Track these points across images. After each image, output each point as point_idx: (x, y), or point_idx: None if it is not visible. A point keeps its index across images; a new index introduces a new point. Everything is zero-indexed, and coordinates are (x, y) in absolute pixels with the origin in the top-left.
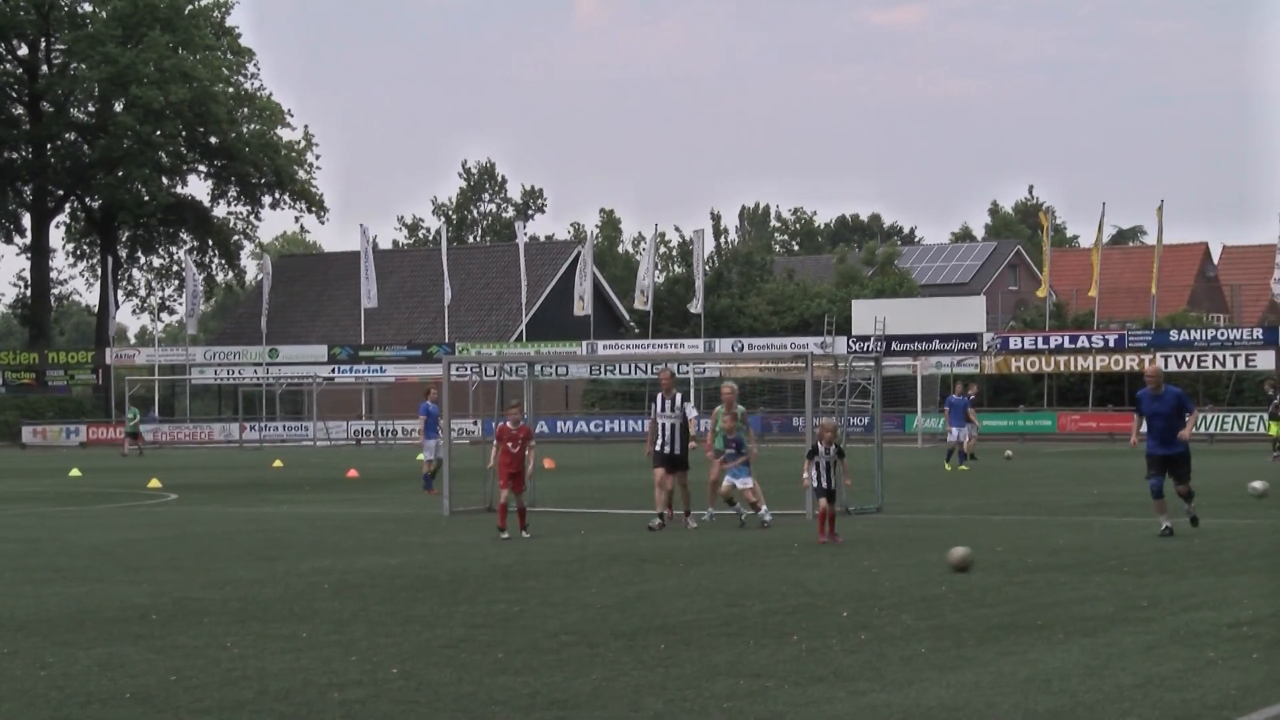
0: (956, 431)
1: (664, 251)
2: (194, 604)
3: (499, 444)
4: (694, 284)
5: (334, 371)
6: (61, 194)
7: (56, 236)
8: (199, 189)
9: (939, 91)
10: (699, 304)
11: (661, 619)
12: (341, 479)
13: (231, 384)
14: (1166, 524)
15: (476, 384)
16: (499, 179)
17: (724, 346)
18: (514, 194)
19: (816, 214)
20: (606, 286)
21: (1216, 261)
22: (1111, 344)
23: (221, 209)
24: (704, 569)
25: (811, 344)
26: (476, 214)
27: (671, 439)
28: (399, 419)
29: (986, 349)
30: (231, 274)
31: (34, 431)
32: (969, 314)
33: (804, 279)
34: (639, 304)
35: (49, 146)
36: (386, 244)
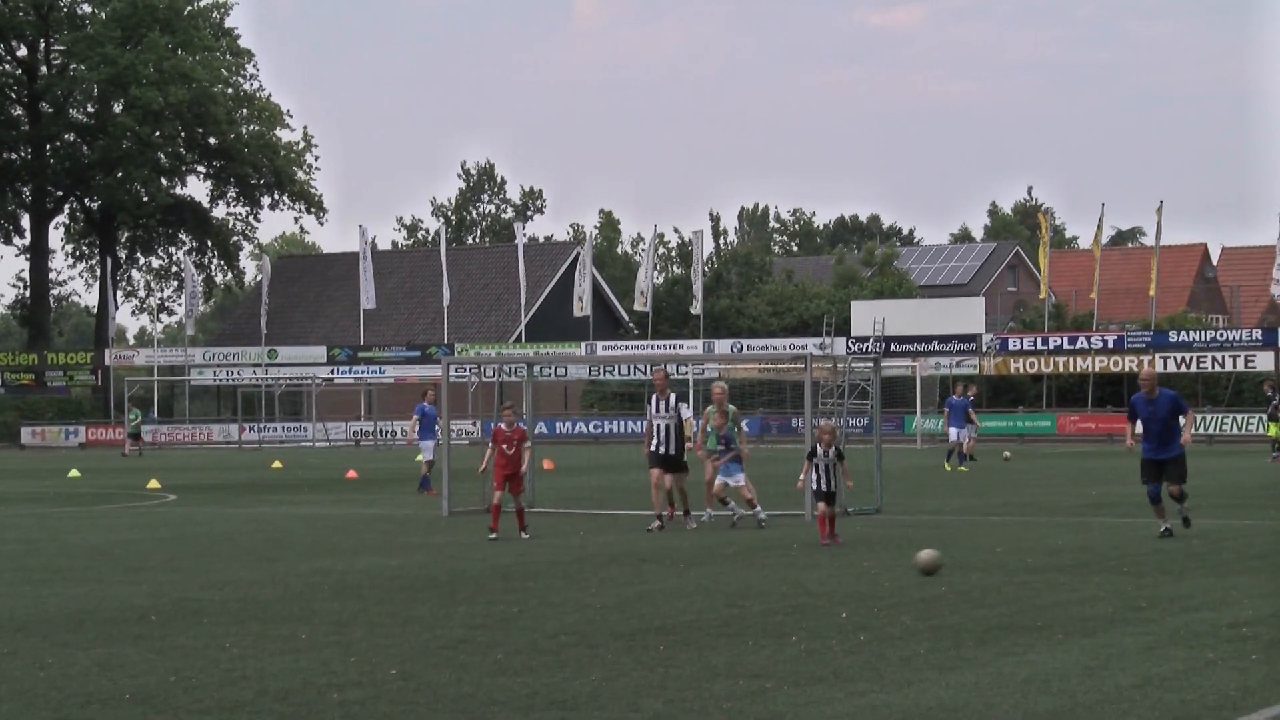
0: (956, 432)
1: (663, 252)
2: (193, 604)
3: (494, 446)
4: (693, 285)
5: (333, 372)
6: (61, 195)
7: (56, 237)
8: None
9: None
10: (698, 305)
11: (661, 619)
12: (341, 480)
13: (231, 385)
14: (1165, 526)
15: (476, 385)
16: (498, 180)
17: (723, 347)
18: (513, 195)
19: (815, 215)
20: (606, 287)
21: (1216, 262)
22: (1111, 345)
23: (221, 210)
24: (703, 569)
25: (810, 345)
26: (476, 215)
27: (666, 439)
28: (398, 420)
29: (985, 350)
30: (230, 275)
31: (33, 432)
32: (968, 315)
33: (803, 280)
34: (639, 305)
35: (48, 147)
36: (386, 245)
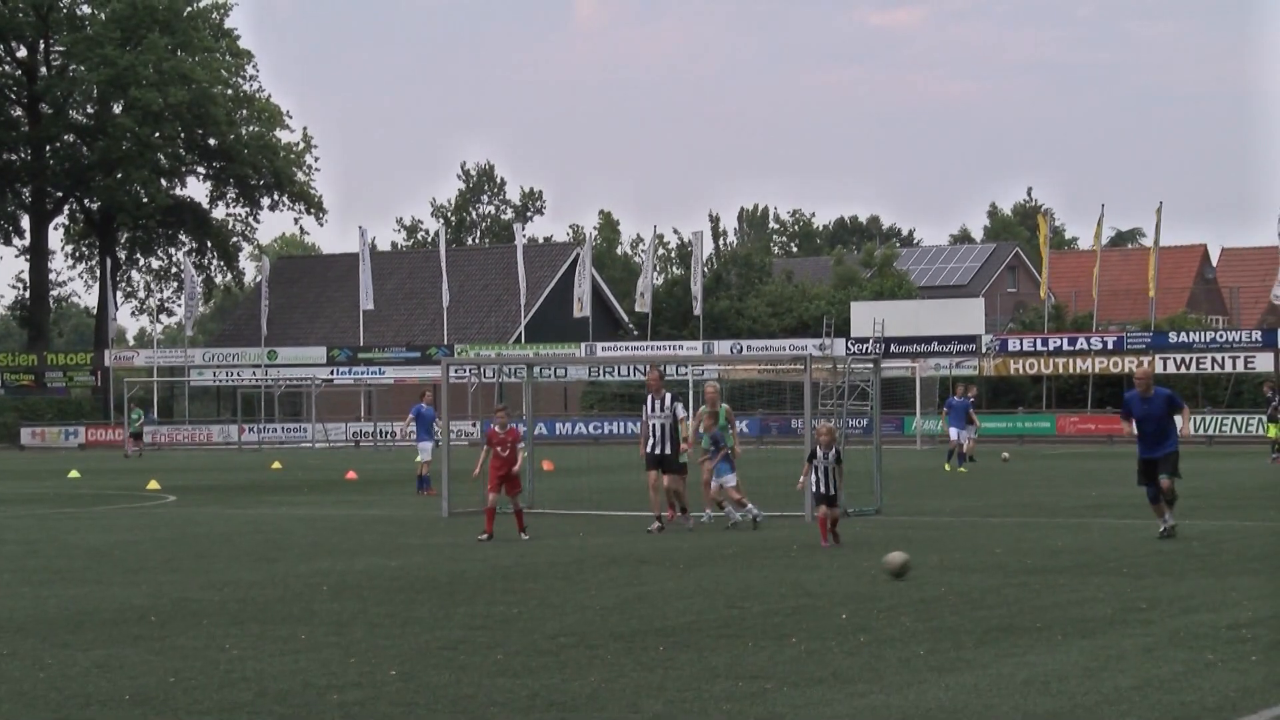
0: (956, 433)
1: (663, 253)
2: (193, 605)
3: (489, 448)
4: (692, 286)
5: (333, 373)
6: (60, 196)
7: (55, 238)
8: (198, 191)
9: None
10: (698, 306)
11: (660, 621)
12: (340, 480)
13: (230, 386)
14: (1165, 526)
15: (475, 386)
16: (498, 181)
17: (723, 348)
18: (513, 196)
19: (815, 215)
20: (605, 288)
21: (1215, 263)
22: (1110, 346)
23: (220, 211)
24: (703, 571)
25: (810, 346)
26: (475, 216)
27: (662, 439)
28: (398, 421)
29: (985, 351)
30: (230, 276)
31: (33, 433)
32: (968, 316)
33: (803, 281)
34: (640, 307)
35: (48, 148)
36: (385, 245)
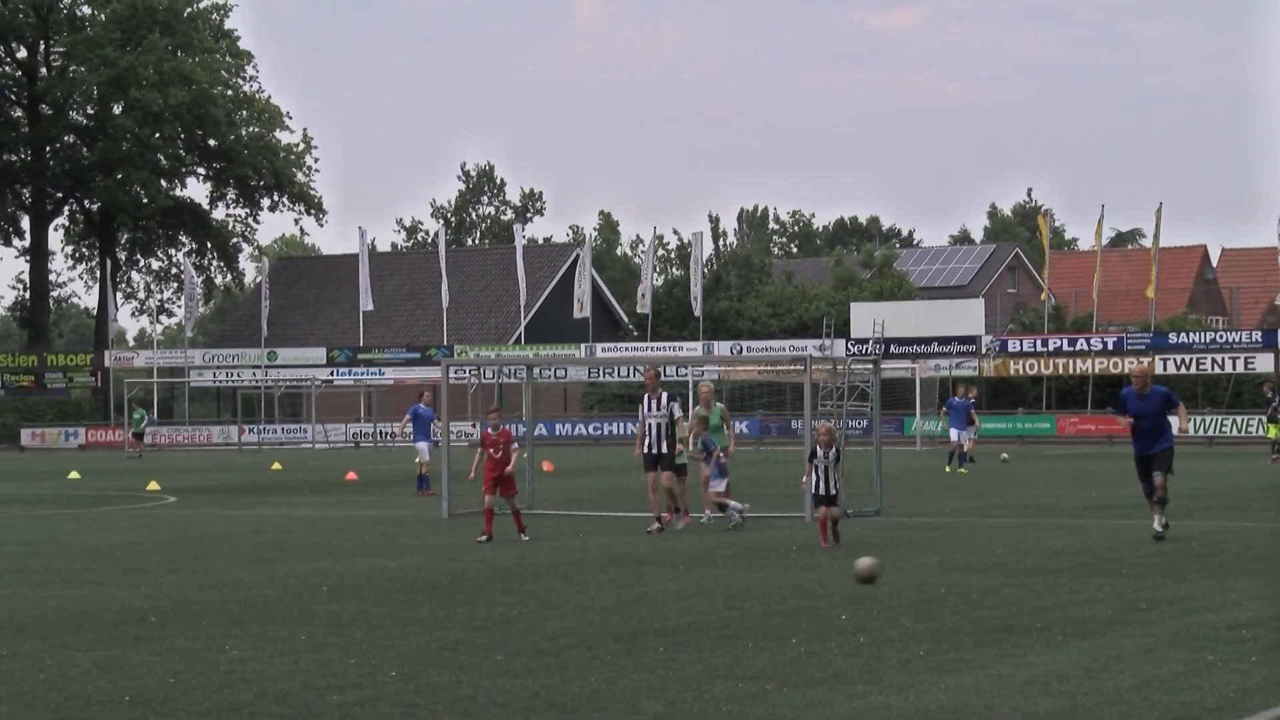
0: (957, 434)
1: (663, 254)
2: (193, 606)
3: (483, 450)
4: (692, 287)
5: (333, 374)
6: (60, 196)
7: (55, 239)
8: (198, 191)
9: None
10: (698, 307)
11: (660, 621)
12: (340, 481)
13: (230, 386)
14: (1157, 529)
15: (475, 386)
16: (498, 181)
17: (722, 349)
18: (513, 196)
19: (815, 216)
20: (605, 289)
21: (1215, 264)
22: (1110, 347)
23: (220, 211)
24: (703, 571)
25: (810, 347)
26: (475, 216)
27: (658, 439)
28: (398, 422)
29: (985, 352)
30: (230, 276)
31: (33, 434)
32: (968, 316)
33: (802, 282)
34: (641, 308)
35: (48, 149)
36: (385, 246)
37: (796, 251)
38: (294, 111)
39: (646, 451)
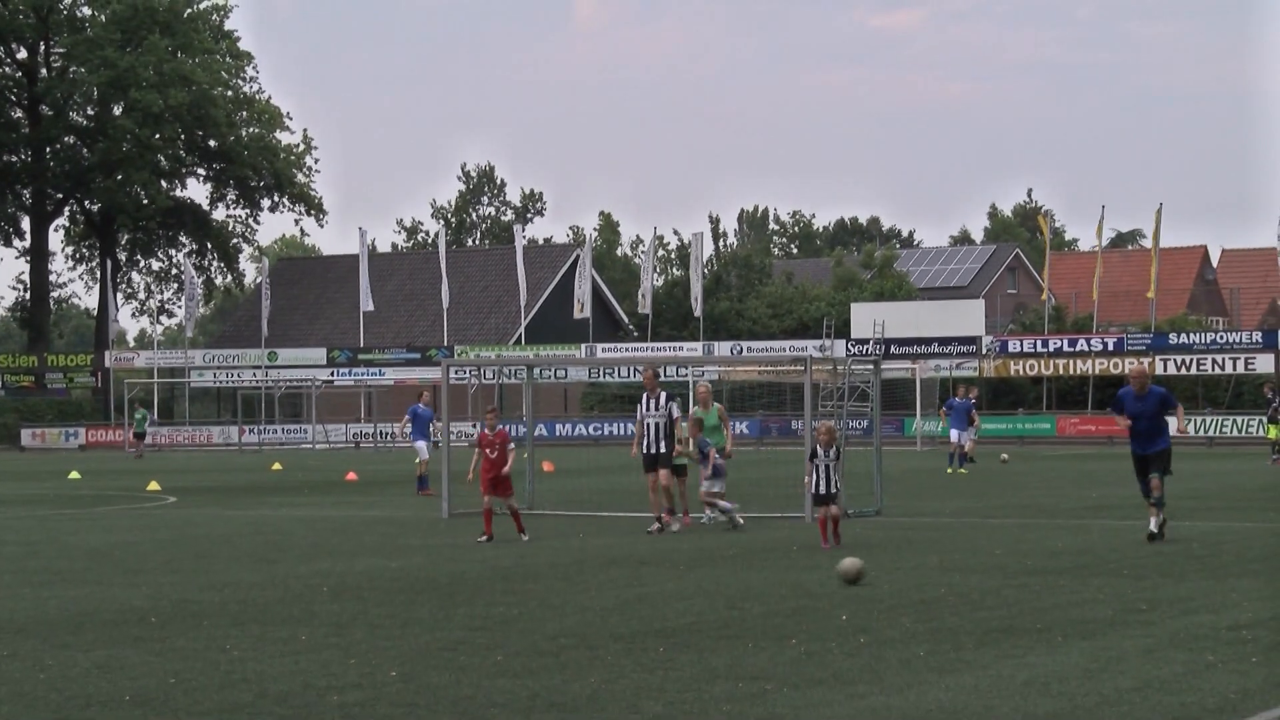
0: (958, 434)
1: (663, 254)
2: (193, 606)
3: (479, 451)
4: (692, 287)
5: (333, 374)
6: (61, 197)
7: (56, 240)
8: (198, 192)
9: (938, 93)
10: (698, 307)
11: (661, 622)
12: (340, 482)
13: (230, 387)
14: (1151, 529)
15: (475, 387)
16: (498, 182)
17: (723, 350)
18: (513, 197)
19: (815, 217)
20: (605, 290)
21: (1215, 265)
22: (1110, 347)
23: (220, 212)
24: (703, 572)
25: (810, 347)
26: (475, 217)
27: (656, 438)
28: (398, 422)
29: (985, 352)
30: (230, 277)
31: (33, 434)
32: (968, 317)
33: (803, 282)
34: (641, 308)
35: (48, 150)
36: (385, 247)
37: (797, 252)
38: (294, 112)
39: (645, 452)
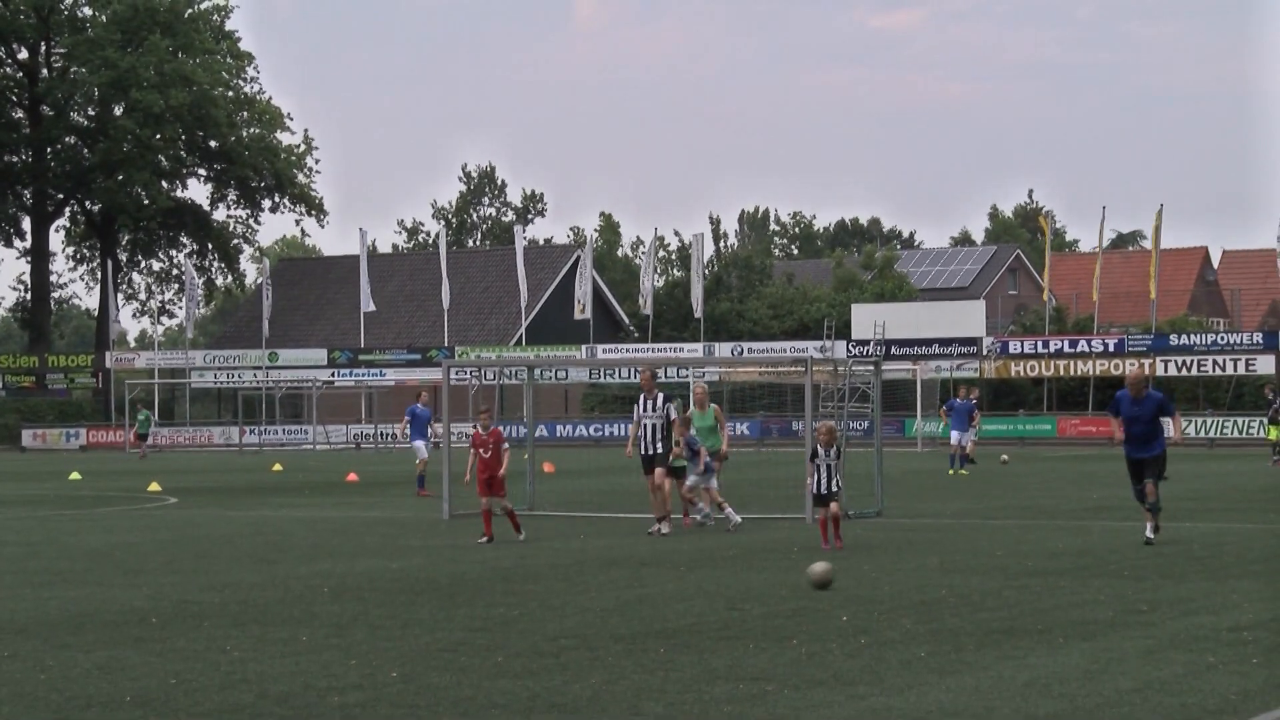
0: (958, 435)
1: (663, 255)
2: (193, 607)
3: (474, 451)
4: (693, 288)
5: (333, 375)
6: (61, 197)
7: (56, 240)
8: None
9: (938, 93)
10: (699, 308)
11: (661, 623)
12: (341, 482)
13: (231, 387)
14: (1148, 535)
15: (476, 387)
16: (499, 182)
17: (723, 350)
18: (514, 198)
19: (816, 218)
20: (606, 290)
21: (1216, 266)
22: (1111, 348)
23: (221, 213)
24: (703, 572)
25: (811, 348)
26: (476, 218)
27: (653, 439)
28: (398, 423)
29: (986, 353)
30: (231, 278)
31: (34, 435)
32: (969, 318)
33: (803, 283)
34: (642, 309)
35: (49, 150)
36: (386, 247)
37: (797, 253)
38: (294, 112)
39: (643, 452)
